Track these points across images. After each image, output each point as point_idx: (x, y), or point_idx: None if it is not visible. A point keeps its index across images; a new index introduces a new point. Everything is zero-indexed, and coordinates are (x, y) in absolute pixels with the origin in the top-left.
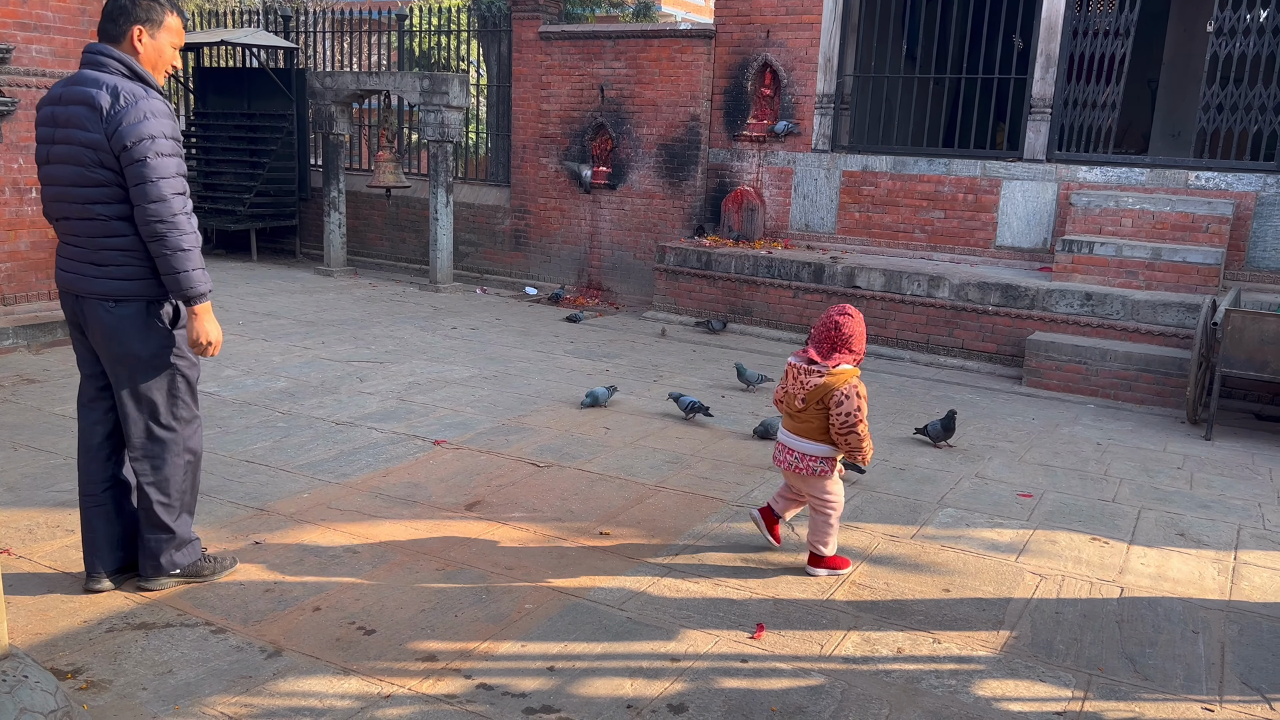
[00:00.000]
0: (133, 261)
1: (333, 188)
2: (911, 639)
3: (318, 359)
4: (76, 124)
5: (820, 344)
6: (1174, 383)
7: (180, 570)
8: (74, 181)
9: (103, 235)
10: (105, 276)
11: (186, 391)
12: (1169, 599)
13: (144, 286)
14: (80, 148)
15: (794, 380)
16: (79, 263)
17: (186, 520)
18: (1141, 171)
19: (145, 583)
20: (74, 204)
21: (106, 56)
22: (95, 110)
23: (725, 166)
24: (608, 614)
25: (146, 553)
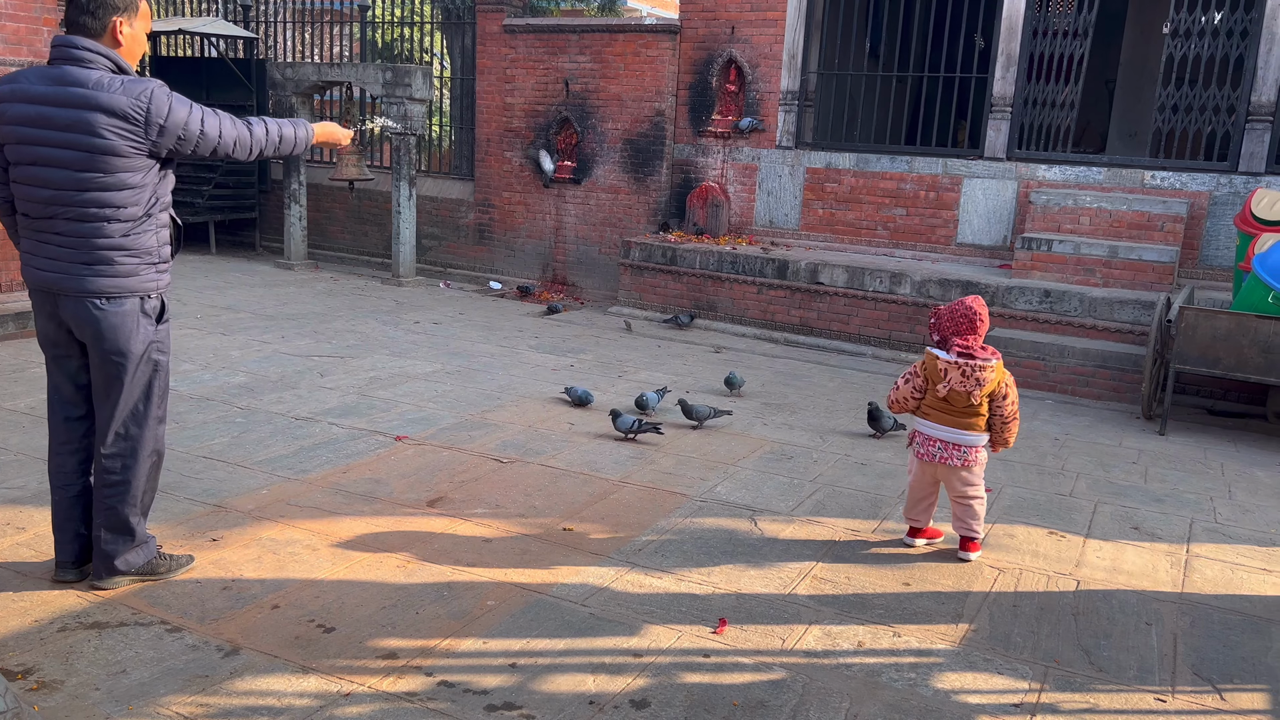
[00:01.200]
0: (127, 259)
1: (293, 180)
2: (872, 632)
3: (277, 353)
4: (90, 130)
5: (964, 334)
6: (1130, 379)
7: (135, 570)
8: (77, 185)
9: (100, 236)
10: (96, 275)
11: (162, 391)
12: (1123, 591)
13: (135, 282)
14: (98, 155)
15: (965, 378)
16: (65, 262)
17: (143, 521)
18: (1099, 170)
19: (100, 582)
20: (71, 206)
21: (91, 52)
22: (116, 116)
23: (690, 162)
24: (570, 610)
25: (102, 553)
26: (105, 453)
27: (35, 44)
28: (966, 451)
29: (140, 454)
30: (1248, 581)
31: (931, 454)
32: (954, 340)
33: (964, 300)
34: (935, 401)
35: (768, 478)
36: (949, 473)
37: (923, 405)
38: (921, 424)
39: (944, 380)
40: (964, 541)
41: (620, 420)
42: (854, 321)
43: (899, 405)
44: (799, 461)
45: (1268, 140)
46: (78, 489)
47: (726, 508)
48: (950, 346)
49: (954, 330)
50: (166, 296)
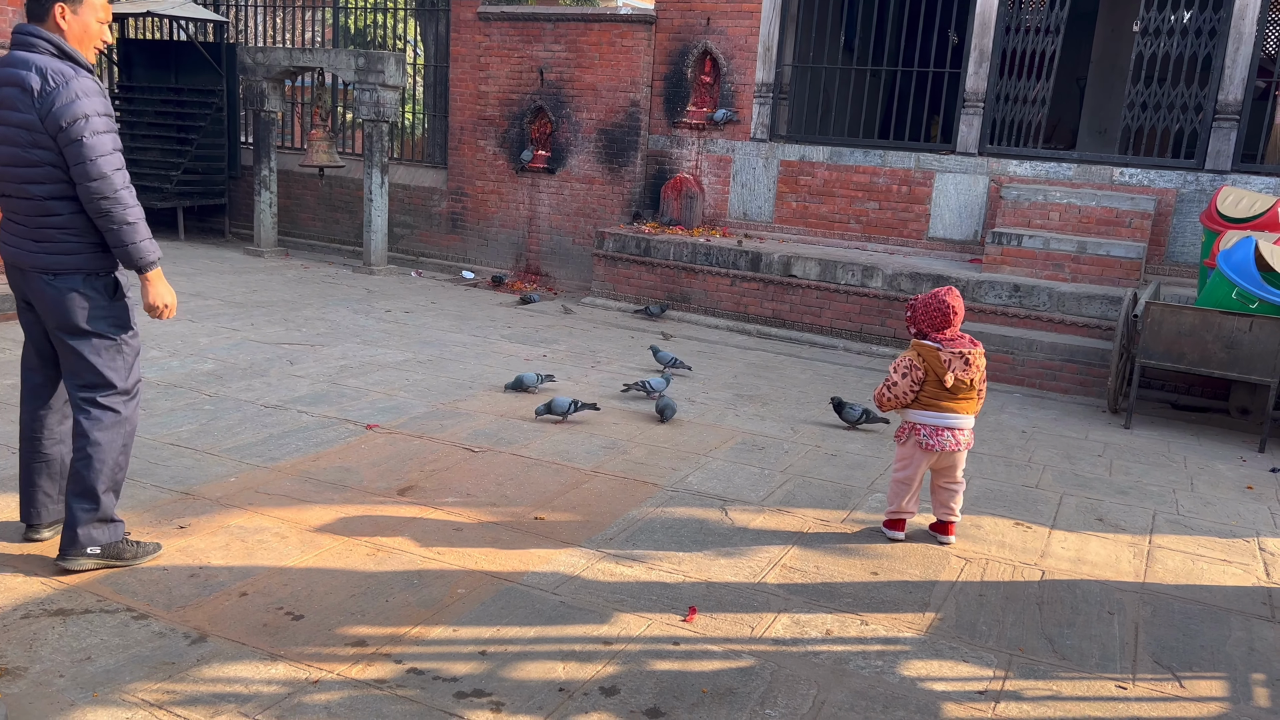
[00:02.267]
0: (69, 238)
1: (264, 166)
2: (840, 621)
3: (246, 341)
4: (9, 105)
5: (940, 328)
6: (1096, 373)
7: (100, 550)
8: (9, 161)
9: (39, 214)
10: (44, 252)
11: (124, 366)
12: (1087, 581)
13: (80, 260)
14: (15, 129)
15: (970, 365)
16: (20, 239)
17: (112, 498)
18: (1069, 167)
19: (64, 560)
20: (11, 183)
21: (35, 37)
22: (27, 92)
23: (665, 153)
24: (541, 598)
25: (69, 523)
26: (72, 421)
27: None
28: (969, 434)
29: (104, 427)
30: (1208, 572)
31: (941, 443)
32: (931, 335)
33: (938, 294)
34: (938, 392)
35: (739, 468)
36: (949, 458)
37: (922, 397)
38: (926, 415)
39: (949, 370)
40: (947, 526)
41: (555, 403)
42: (826, 314)
43: (895, 401)
44: (770, 452)
45: (1234, 138)
46: (43, 453)
47: (698, 497)
48: (928, 338)
49: (930, 325)
50: (122, 275)
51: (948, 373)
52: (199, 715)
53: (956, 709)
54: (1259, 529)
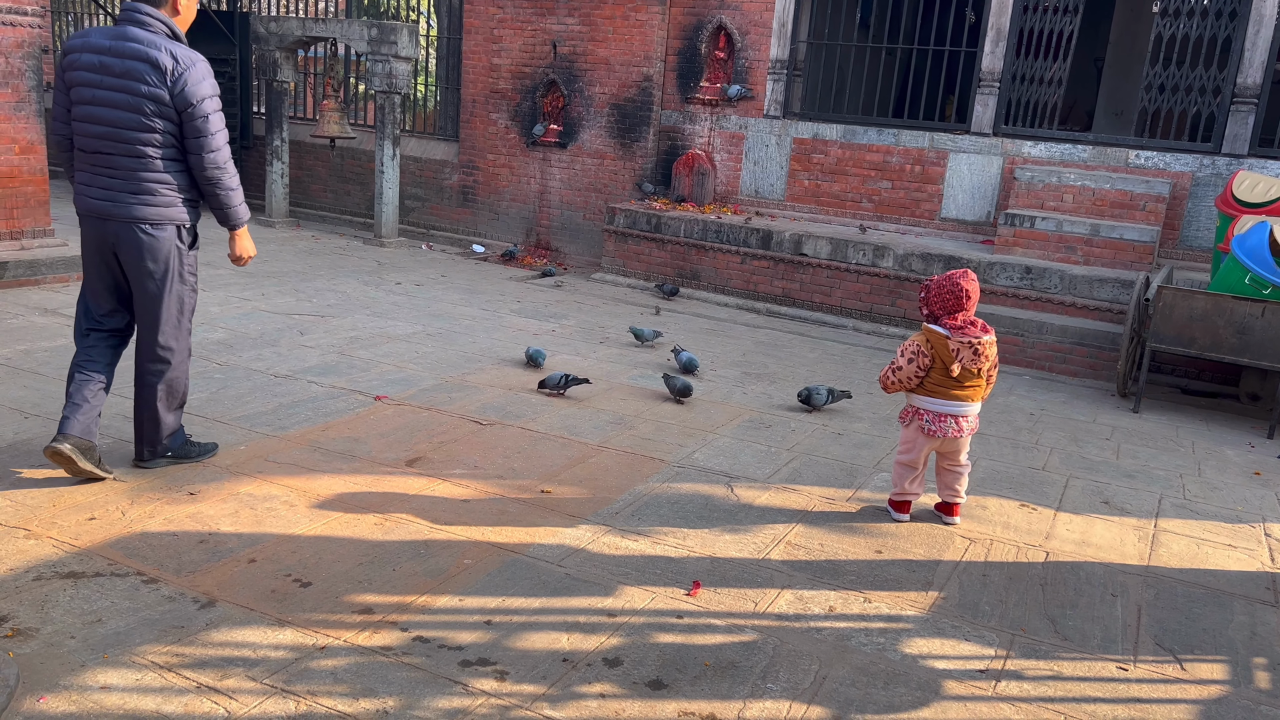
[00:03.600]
0: (167, 193)
1: (276, 136)
2: (843, 598)
3: (257, 311)
4: (137, 77)
5: (953, 312)
6: (1106, 356)
7: (171, 453)
8: (127, 125)
9: (145, 170)
10: (142, 204)
11: (191, 307)
12: (1091, 564)
13: (174, 213)
14: (142, 99)
15: (979, 355)
16: (115, 192)
17: (177, 415)
18: (1084, 149)
19: (143, 463)
20: (121, 143)
21: (151, 18)
22: (158, 69)
23: (677, 129)
24: (547, 570)
25: (146, 440)
26: (149, 357)
27: None
28: (974, 420)
29: (174, 358)
30: (1213, 556)
31: (944, 430)
32: (942, 319)
33: (953, 276)
34: (944, 379)
35: (745, 445)
36: (952, 443)
37: (927, 383)
38: (930, 402)
39: (956, 359)
40: (952, 507)
41: (548, 377)
42: (836, 294)
43: (899, 385)
44: (777, 430)
45: (1252, 122)
46: (91, 382)
47: (704, 474)
48: (939, 322)
49: (942, 308)
50: (198, 228)
51: (955, 362)
52: (207, 678)
53: (957, 687)
54: (1265, 515)
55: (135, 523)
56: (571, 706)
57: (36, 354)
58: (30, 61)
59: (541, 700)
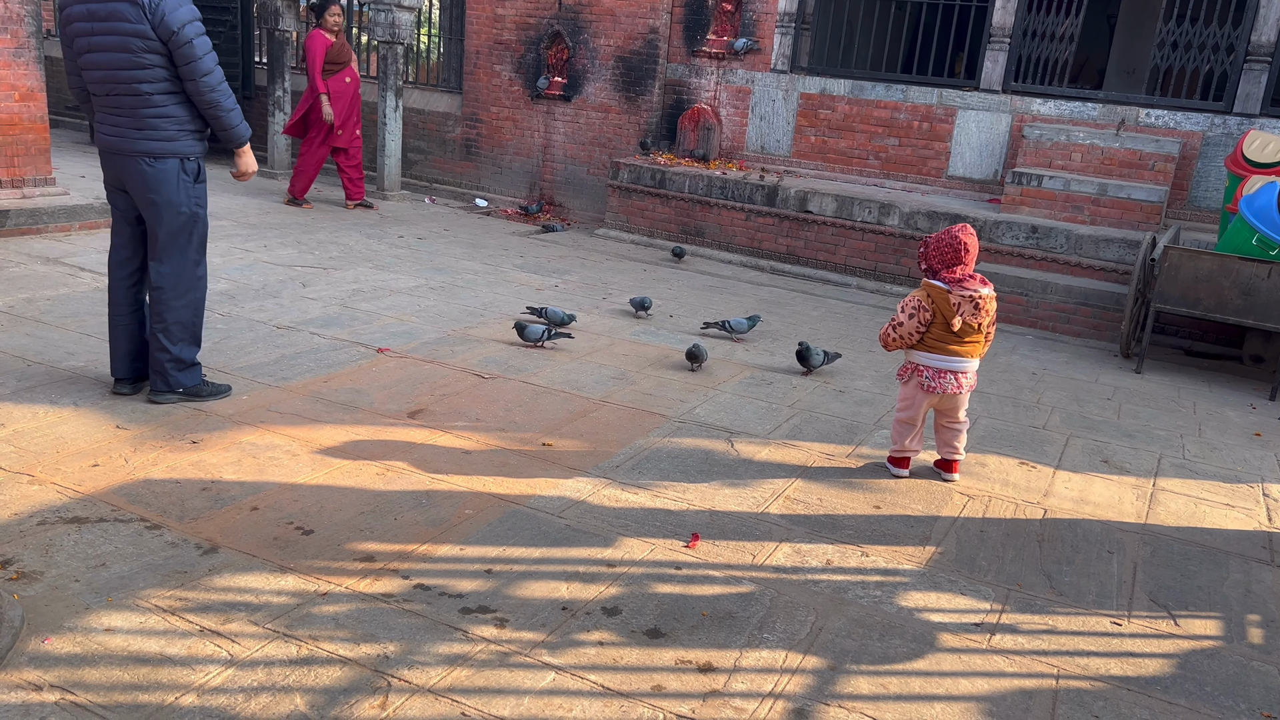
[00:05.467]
0: (169, 127)
1: (278, 87)
2: (841, 552)
3: (259, 262)
4: (120, 17)
5: (951, 266)
6: (1111, 317)
7: (183, 389)
8: (120, 65)
9: (145, 107)
10: (145, 139)
11: (200, 238)
12: (1088, 521)
13: (176, 146)
14: (128, 38)
15: (979, 310)
16: (122, 129)
17: (193, 348)
18: (1094, 107)
19: (155, 396)
20: (120, 83)
21: None
22: (137, 6)
23: (683, 83)
24: (547, 521)
25: (156, 370)
26: (155, 285)
27: None
28: (972, 376)
29: (182, 286)
30: (1210, 515)
31: (944, 385)
32: (941, 273)
33: (951, 230)
34: (944, 335)
35: (746, 402)
36: (951, 400)
37: (926, 339)
38: (929, 358)
39: (957, 313)
40: (951, 464)
41: (528, 331)
42: (841, 252)
43: (900, 341)
44: (778, 387)
45: (1265, 81)
46: (127, 318)
47: (705, 429)
48: (938, 277)
49: (941, 262)
50: (203, 161)
51: (955, 316)
52: (210, 622)
53: (952, 639)
54: (1264, 475)
55: (138, 470)
56: (570, 654)
57: (39, 302)
58: (29, 7)
59: (540, 647)
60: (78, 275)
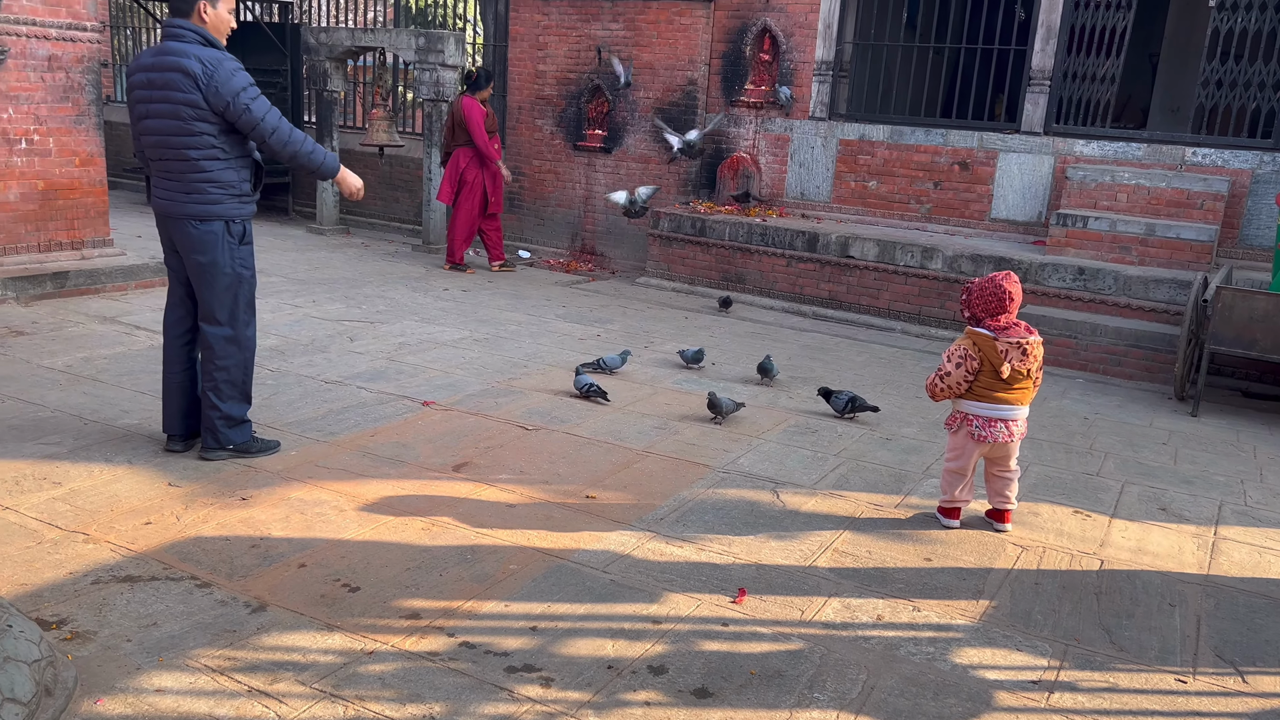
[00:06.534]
0: (215, 191)
1: (326, 145)
2: (892, 606)
3: (308, 317)
4: (173, 87)
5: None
6: (1163, 359)
7: (233, 446)
8: (172, 132)
9: (193, 172)
10: (193, 202)
11: (247, 299)
12: (1148, 572)
13: (222, 209)
14: (179, 105)
15: (1027, 356)
16: (172, 192)
17: (243, 405)
18: (1139, 147)
19: (206, 453)
20: (171, 149)
21: (183, 29)
22: (189, 76)
23: (722, 132)
24: (591, 576)
25: (207, 428)
26: (205, 344)
27: (74, 6)
28: (1023, 424)
29: (231, 345)
30: (1276, 565)
31: (994, 434)
32: (985, 321)
33: (995, 278)
34: (992, 382)
35: (791, 451)
36: (1002, 448)
37: (975, 388)
38: (978, 406)
39: (1005, 360)
40: (1003, 514)
41: (579, 381)
42: (884, 296)
43: (948, 391)
44: (823, 435)
45: None
46: (180, 376)
47: (749, 479)
48: (982, 324)
49: (985, 310)
50: (249, 224)
51: (1004, 363)
52: (258, 682)
53: (1009, 698)
54: None
55: (189, 527)
56: (617, 714)
57: (96, 361)
58: (90, 76)
59: (586, 707)
60: (133, 334)
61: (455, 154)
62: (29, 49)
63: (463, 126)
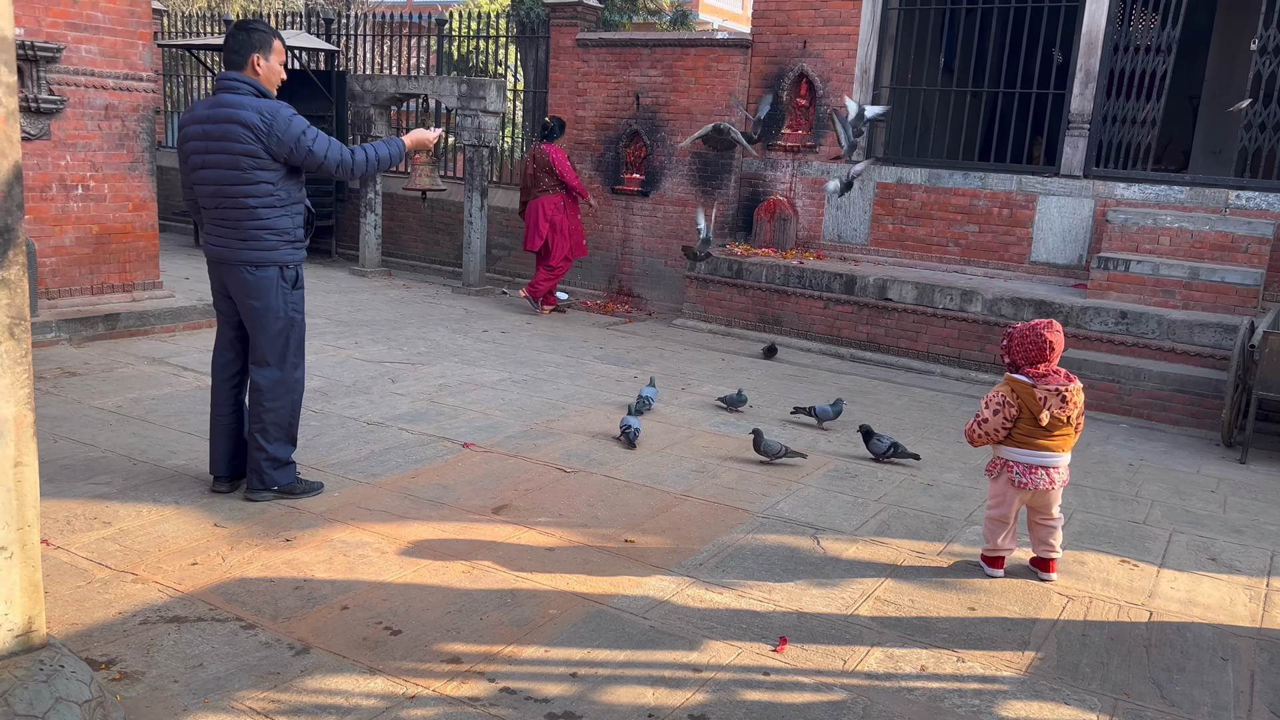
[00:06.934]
0: (270, 238)
1: (369, 189)
2: (935, 657)
3: (351, 359)
4: (231, 138)
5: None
6: (1209, 404)
7: (278, 487)
8: (230, 181)
9: (249, 220)
10: (248, 249)
11: (298, 342)
12: (1198, 625)
13: (276, 255)
14: (237, 156)
15: (1067, 403)
16: (227, 239)
17: (288, 447)
18: (1181, 190)
19: (251, 494)
20: (228, 198)
21: (237, 81)
22: (249, 128)
23: (759, 176)
24: (631, 622)
25: (253, 469)
26: (255, 386)
27: (131, 57)
28: (1064, 471)
29: (281, 388)
30: None
31: (1035, 481)
32: (1025, 368)
33: (1036, 327)
34: (1032, 429)
35: (831, 496)
36: (1043, 496)
37: (1015, 434)
38: (1019, 453)
39: (1045, 408)
40: (1048, 563)
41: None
42: (923, 339)
43: (986, 438)
44: (863, 480)
45: None
46: (228, 418)
47: (789, 525)
48: (1021, 371)
49: (1025, 358)
50: (301, 269)
51: (1043, 410)
52: None
53: None
54: None
55: (235, 568)
56: None
57: (145, 402)
58: (144, 124)
59: None
60: (181, 375)
61: (537, 203)
62: (87, 99)
63: (550, 173)
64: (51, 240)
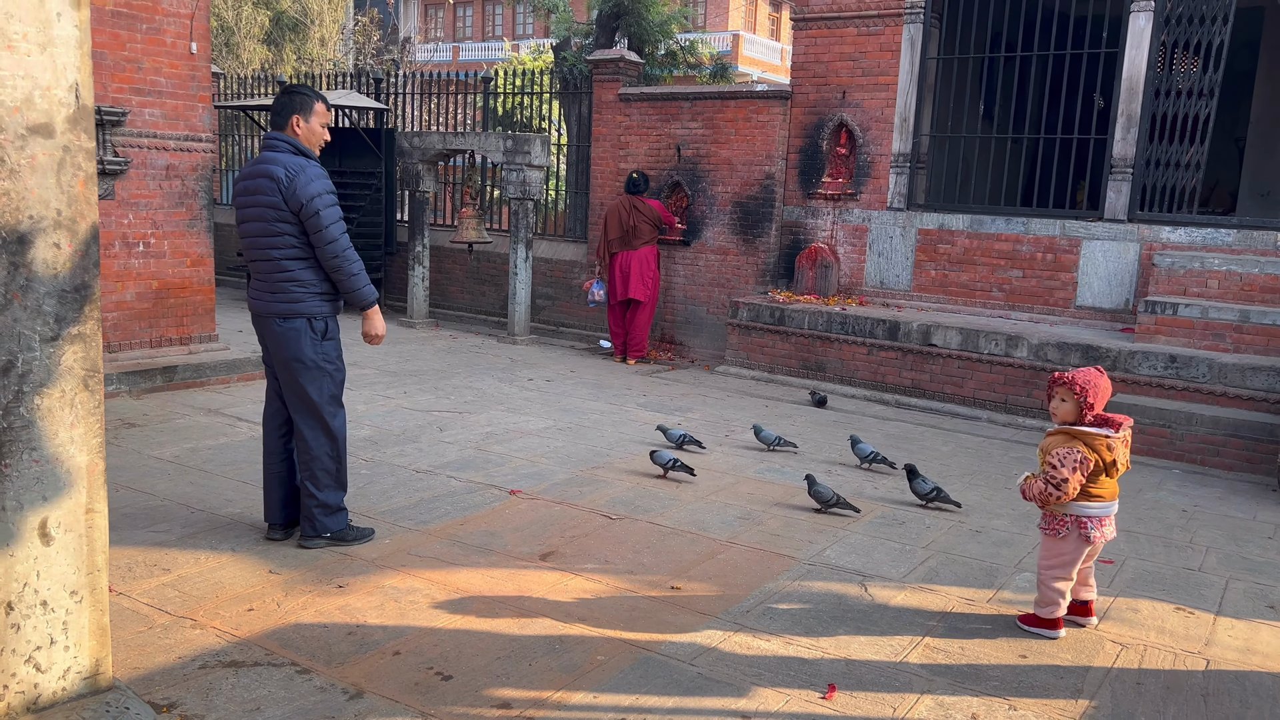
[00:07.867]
0: (296, 290)
1: (417, 243)
2: (987, 705)
3: (400, 408)
4: (261, 191)
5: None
6: (1264, 449)
7: (330, 534)
8: (260, 233)
9: (277, 272)
10: (276, 301)
11: (332, 391)
12: (1258, 673)
13: (303, 307)
14: (265, 208)
15: (1122, 448)
16: (262, 291)
17: (338, 494)
18: (1228, 233)
19: (304, 541)
20: (259, 250)
21: (277, 140)
22: (274, 181)
23: (800, 224)
24: (679, 668)
25: (306, 516)
26: (298, 435)
27: (191, 119)
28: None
29: (321, 436)
30: None
31: (1105, 533)
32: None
33: (1101, 372)
34: (1102, 480)
35: (878, 542)
36: (1098, 544)
37: (1088, 489)
38: (1091, 507)
39: (1113, 456)
40: (1086, 605)
41: (657, 455)
42: (968, 384)
43: (1065, 499)
44: (911, 527)
45: None
46: (279, 467)
47: (836, 572)
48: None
49: (1103, 404)
50: (332, 320)
51: (1111, 458)
52: None
53: None
54: None
55: (289, 614)
56: None
57: (201, 452)
58: (203, 183)
59: None
60: (235, 425)
61: (636, 254)
62: (149, 159)
63: (654, 224)
64: (114, 295)
